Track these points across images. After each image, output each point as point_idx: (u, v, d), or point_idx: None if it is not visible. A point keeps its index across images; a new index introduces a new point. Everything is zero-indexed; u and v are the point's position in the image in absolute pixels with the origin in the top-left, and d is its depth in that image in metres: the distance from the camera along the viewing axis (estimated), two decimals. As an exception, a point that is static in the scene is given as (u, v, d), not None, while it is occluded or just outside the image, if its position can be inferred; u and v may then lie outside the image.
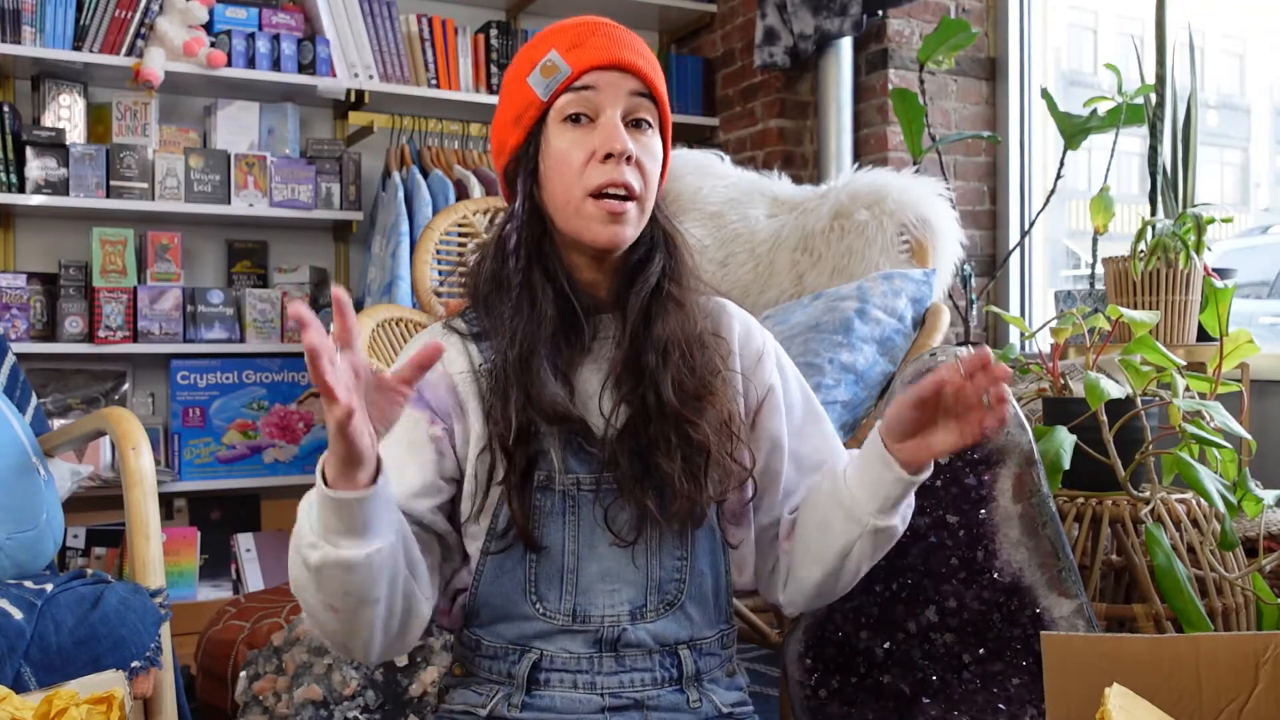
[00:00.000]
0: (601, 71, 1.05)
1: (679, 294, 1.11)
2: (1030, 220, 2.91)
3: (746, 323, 1.20)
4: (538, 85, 1.06)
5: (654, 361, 1.07)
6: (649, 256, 1.11)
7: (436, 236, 2.60)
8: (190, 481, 3.01)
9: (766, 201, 2.45)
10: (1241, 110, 3.56)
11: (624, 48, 1.07)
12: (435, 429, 1.06)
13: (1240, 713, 1.01)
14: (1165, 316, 1.97)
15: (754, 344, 1.18)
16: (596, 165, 1.04)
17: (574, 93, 1.05)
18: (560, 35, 1.08)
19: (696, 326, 1.11)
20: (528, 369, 1.04)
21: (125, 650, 1.49)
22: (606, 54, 1.06)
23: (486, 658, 1.09)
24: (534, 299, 1.07)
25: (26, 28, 2.76)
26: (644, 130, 1.07)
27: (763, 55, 3.12)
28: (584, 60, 1.05)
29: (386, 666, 1.68)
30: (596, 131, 1.05)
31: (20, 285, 2.82)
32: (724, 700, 1.11)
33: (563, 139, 1.06)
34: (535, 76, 1.06)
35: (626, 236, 1.06)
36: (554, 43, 1.07)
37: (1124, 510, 1.57)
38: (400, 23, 3.18)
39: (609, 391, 1.08)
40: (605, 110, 1.05)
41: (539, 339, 1.05)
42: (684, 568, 1.09)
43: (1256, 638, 1.03)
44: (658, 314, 1.09)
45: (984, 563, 1.37)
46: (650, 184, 1.07)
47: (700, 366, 1.09)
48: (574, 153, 1.05)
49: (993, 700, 1.34)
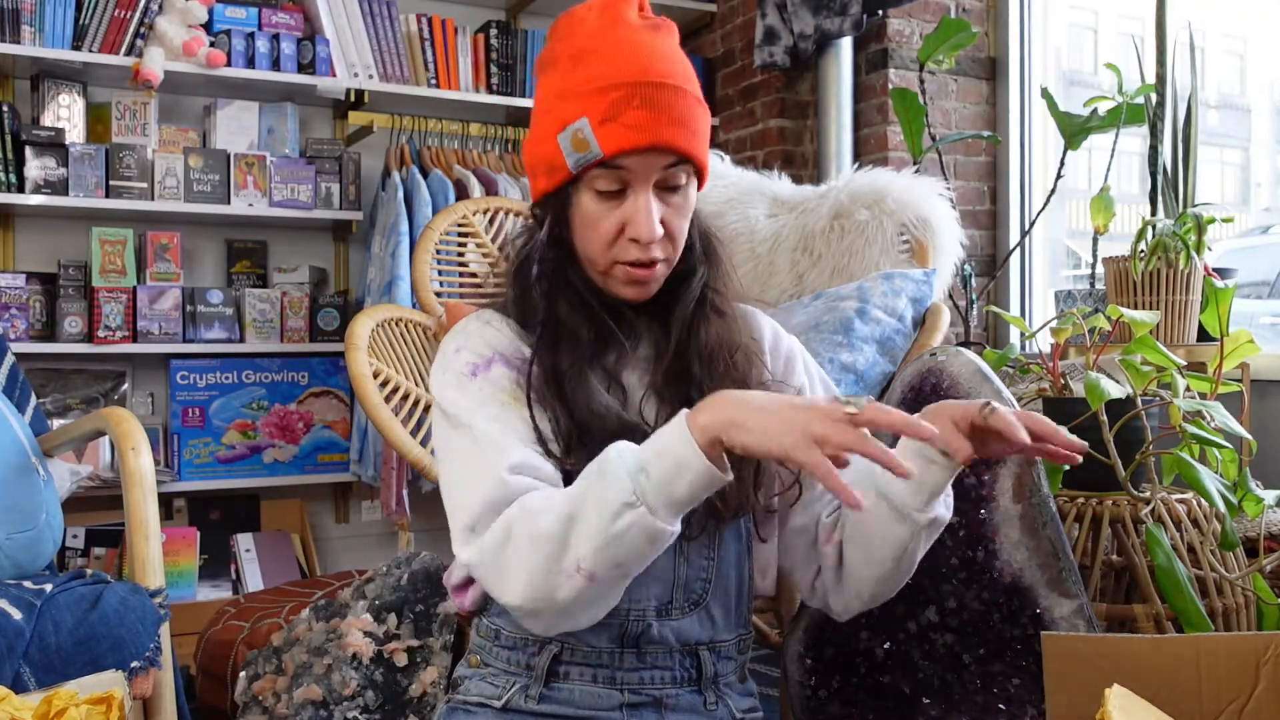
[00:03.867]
0: (635, 155, 1.01)
1: (721, 303, 1.11)
2: (1030, 220, 2.91)
3: (775, 327, 1.21)
4: (568, 154, 1.02)
5: (699, 371, 1.07)
6: (691, 269, 1.11)
7: (436, 236, 2.60)
8: (190, 481, 3.01)
9: (766, 201, 2.45)
10: (1242, 110, 3.56)
11: (662, 124, 1.01)
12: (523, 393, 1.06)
13: (1240, 713, 1.01)
14: (1165, 316, 1.97)
15: (783, 348, 1.19)
16: (624, 244, 1.04)
17: (605, 169, 1.02)
18: (596, 100, 1.01)
19: (739, 334, 1.12)
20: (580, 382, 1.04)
21: (125, 650, 1.49)
22: (642, 135, 1.00)
23: (505, 648, 1.09)
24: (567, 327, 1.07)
25: (26, 27, 2.76)
26: (677, 191, 1.05)
27: (763, 55, 3.12)
28: (615, 142, 1.00)
29: (386, 666, 1.68)
30: (627, 205, 1.03)
31: (19, 285, 2.82)
32: (738, 706, 1.11)
33: (593, 205, 1.04)
34: (565, 141, 1.02)
35: (652, 291, 1.08)
36: (587, 108, 1.01)
37: (1124, 510, 1.57)
38: (400, 22, 3.18)
39: (651, 395, 1.08)
40: (636, 187, 1.03)
41: (580, 357, 1.05)
42: (710, 567, 1.09)
43: (1257, 638, 1.03)
44: (701, 323, 1.09)
45: (984, 563, 1.37)
46: (679, 239, 1.07)
47: (744, 374, 1.10)
48: (604, 223, 1.04)
49: (993, 700, 1.34)
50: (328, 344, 3.12)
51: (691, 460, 0.87)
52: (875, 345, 1.93)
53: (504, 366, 1.05)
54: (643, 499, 0.87)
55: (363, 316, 2.31)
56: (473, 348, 1.06)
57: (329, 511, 3.31)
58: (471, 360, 1.05)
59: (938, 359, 1.44)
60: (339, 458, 3.18)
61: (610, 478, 0.89)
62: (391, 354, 2.32)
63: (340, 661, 1.67)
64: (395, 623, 1.71)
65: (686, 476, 0.87)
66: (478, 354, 1.06)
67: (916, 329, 2.02)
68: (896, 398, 1.45)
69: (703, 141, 1.07)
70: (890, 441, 0.98)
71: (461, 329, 1.10)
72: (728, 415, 0.87)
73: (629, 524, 0.88)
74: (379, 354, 2.26)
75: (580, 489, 0.91)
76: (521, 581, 0.92)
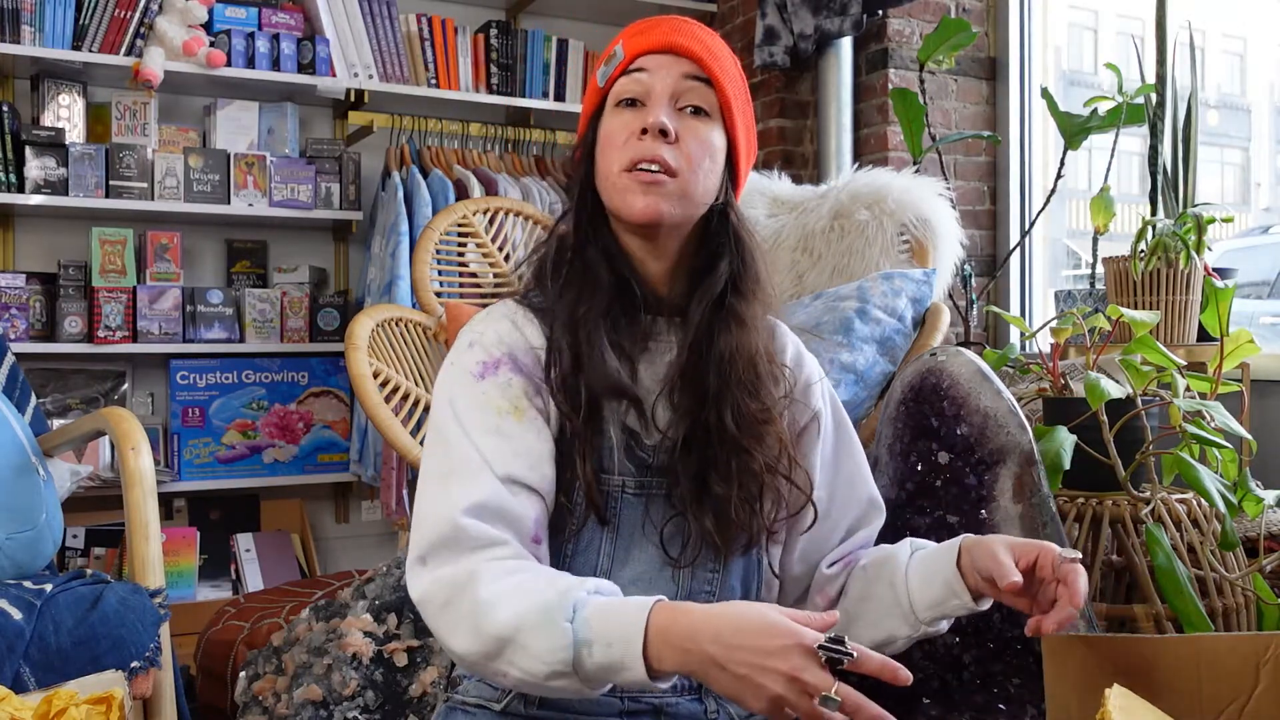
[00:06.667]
0: (653, 55, 1.07)
1: (743, 307, 1.09)
2: (1030, 220, 2.91)
3: (797, 345, 1.19)
4: (600, 75, 1.10)
5: (714, 383, 1.06)
6: (715, 259, 1.10)
7: (436, 236, 2.60)
8: (190, 481, 3.01)
9: (766, 201, 2.45)
10: (1242, 110, 3.56)
11: (682, 34, 1.08)
12: (538, 401, 1.05)
13: (1240, 713, 1.01)
14: (1165, 316, 1.96)
15: (804, 370, 1.17)
16: (634, 140, 1.05)
17: (628, 76, 1.08)
18: (630, 29, 1.11)
19: (759, 345, 1.09)
20: (588, 343, 1.04)
21: (125, 650, 1.49)
22: (661, 38, 1.07)
23: None
24: (589, 273, 1.07)
25: (26, 27, 2.75)
26: (698, 116, 1.07)
27: (763, 55, 3.12)
28: (639, 45, 1.08)
29: (386, 666, 1.68)
30: (643, 112, 1.06)
31: (19, 285, 2.82)
32: (739, 713, 1.10)
33: (614, 120, 1.07)
34: (600, 70, 1.11)
35: (663, 210, 1.04)
36: (622, 36, 1.11)
37: (1124, 510, 1.57)
38: (400, 22, 3.18)
39: (664, 400, 1.07)
40: (654, 91, 1.06)
41: (596, 311, 1.05)
42: (715, 580, 1.08)
43: (1257, 638, 1.03)
44: (720, 328, 1.07)
45: (984, 563, 1.37)
46: (695, 165, 1.06)
47: (761, 391, 1.08)
48: (619, 132, 1.06)
49: (993, 700, 1.34)
50: (328, 344, 3.12)
51: (635, 669, 0.86)
52: (875, 345, 1.93)
53: (512, 371, 1.04)
54: (579, 671, 0.88)
55: (363, 316, 2.31)
56: (484, 344, 1.05)
57: (329, 511, 3.31)
58: (481, 359, 1.04)
59: (938, 359, 1.44)
60: (339, 458, 3.18)
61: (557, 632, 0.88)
62: (391, 354, 2.32)
63: (340, 661, 1.67)
64: (395, 623, 1.71)
65: (625, 676, 0.87)
66: (488, 352, 1.05)
67: (916, 329, 2.02)
68: (896, 397, 1.45)
69: (727, 78, 1.08)
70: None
71: (482, 319, 1.09)
72: (693, 668, 0.86)
73: (561, 685, 0.89)
74: (379, 354, 2.26)
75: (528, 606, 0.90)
76: (459, 649, 0.93)
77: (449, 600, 0.93)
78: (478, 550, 0.95)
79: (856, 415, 1.88)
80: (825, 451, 1.16)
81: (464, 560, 0.94)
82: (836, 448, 1.17)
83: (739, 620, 0.86)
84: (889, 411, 1.45)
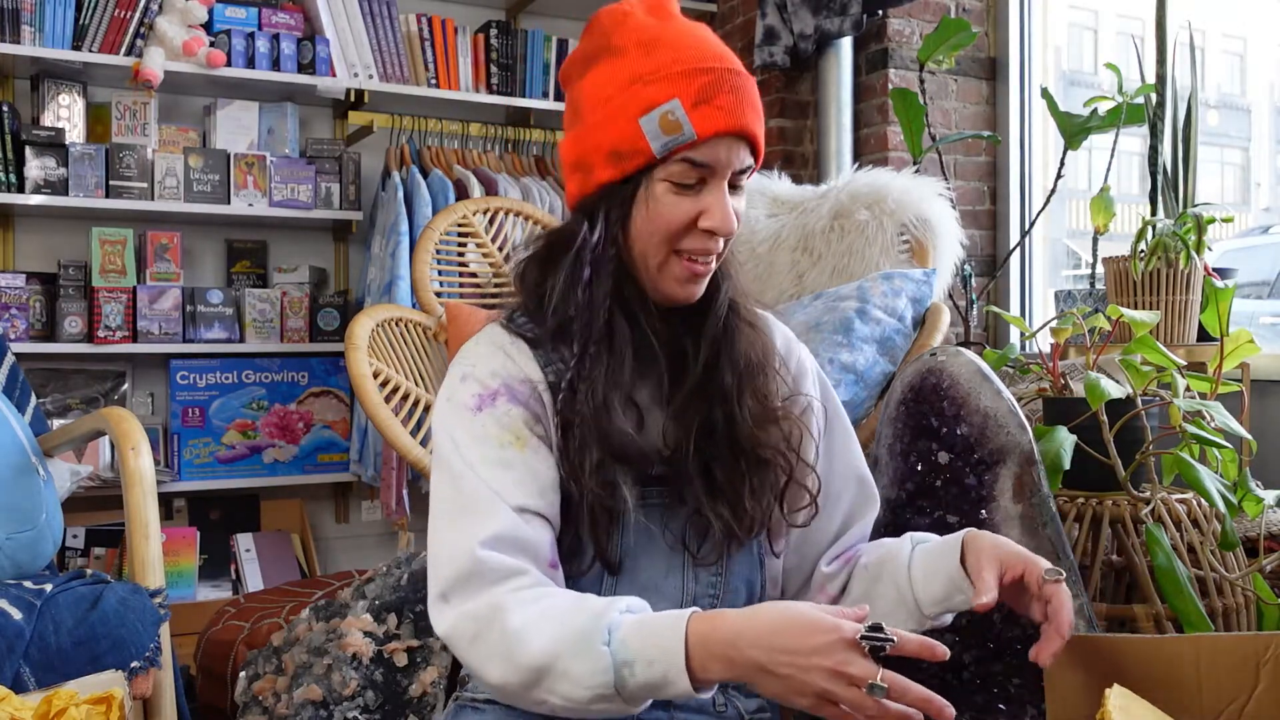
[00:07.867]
0: (724, 139, 0.99)
1: (748, 314, 1.10)
2: (1030, 220, 2.91)
3: (785, 333, 1.19)
4: (653, 137, 0.98)
5: (730, 382, 1.06)
6: (716, 282, 1.08)
7: (436, 236, 2.60)
8: (190, 481, 3.01)
9: (766, 201, 2.45)
10: (1242, 110, 3.57)
11: (749, 107, 1.01)
12: (539, 429, 1.03)
13: (1240, 713, 1.01)
14: (1165, 316, 1.97)
15: (794, 357, 1.17)
16: (695, 232, 1.01)
17: (691, 160, 0.99)
18: (686, 82, 0.98)
19: (766, 345, 1.10)
20: (606, 410, 1.01)
21: (125, 650, 1.49)
22: (734, 119, 0.99)
23: None
24: (614, 345, 1.03)
25: (26, 27, 2.75)
26: (739, 186, 1.04)
27: (763, 55, 3.12)
28: (711, 125, 0.98)
29: (386, 666, 1.68)
30: (704, 196, 1.01)
31: (19, 285, 2.82)
32: (746, 707, 1.11)
33: (667, 198, 1.00)
34: (651, 124, 0.98)
35: (700, 292, 1.05)
36: (679, 90, 0.98)
37: (1124, 510, 1.57)
38: (400, 22, 3.18)
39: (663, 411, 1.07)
40: (715, 179, 1.01)
41: (617, 384, 1.03)
42: (719, 583, 1.08)
43: (1257, 638, 1.03)
44: (734, 334, 1.08)
45: (984, 563, 1.37)
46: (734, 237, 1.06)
47: (773, 388, 1.09)
48: (676, 213, 1.00)
49: (993, 700, 1.34)
50: (328, 344, 3.12)
51: (680, 683, 0.86)
52: (875, 345, 1.93)
53: (510, 402, 1.02)
54: (622, 692, 0.88)
55: (363, 316, 2.31)
56: (478, 377, 1.03)
57: (329, 511, 3.31)
58: (477, 392, 1.02)
59: (938, 359, 1.44)
60: (339, 458, 3.18)
61: (595, 655, 0.88)
62: (391, 354, 2.32)
63: (340, 661, 1.67)
64: (395, 623, 1.71)
65: (669, 691, 0.87)
66: (483, 385, 1.03)
67: (916, 329, 2.02)
68: (896, 398, 1.45)
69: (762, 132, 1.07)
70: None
71: (470, 352, 1.07)
72: (738, 674, 0.87)
73: (604, 708, 0.89)
74: (379, 354, 2.27)
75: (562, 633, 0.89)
76: (494, 680, 0.92)
77: (478, 634, 0.92)
78: (499, 582, 0.94)
79: (856, 415, 1.88)
80: (819, 433, 1.16)
81: (486, 593, 0.93)
82: (828, 428, 1.18)
83: (777, 621, 0.86)
84: (889, 411, 1.45)
